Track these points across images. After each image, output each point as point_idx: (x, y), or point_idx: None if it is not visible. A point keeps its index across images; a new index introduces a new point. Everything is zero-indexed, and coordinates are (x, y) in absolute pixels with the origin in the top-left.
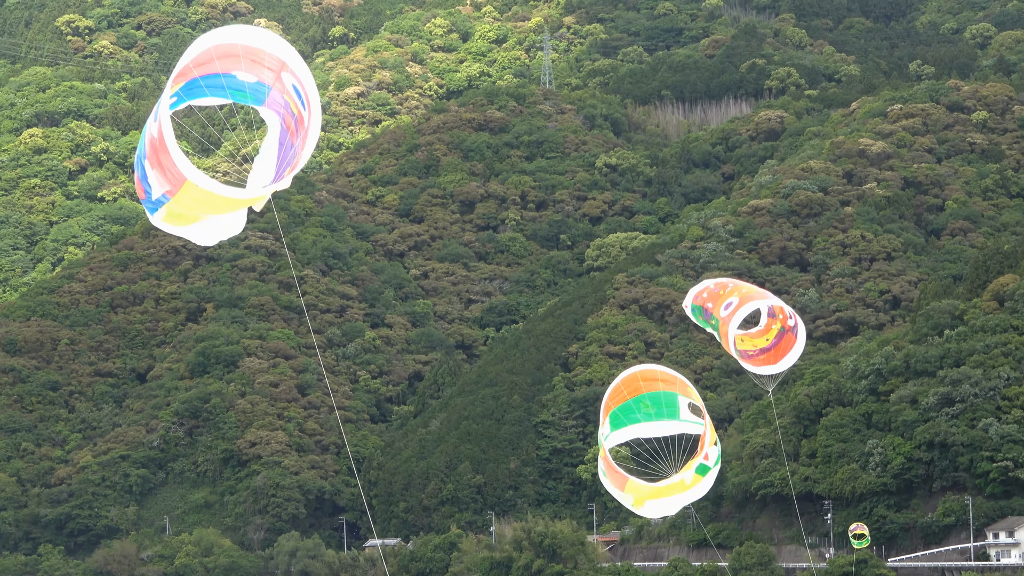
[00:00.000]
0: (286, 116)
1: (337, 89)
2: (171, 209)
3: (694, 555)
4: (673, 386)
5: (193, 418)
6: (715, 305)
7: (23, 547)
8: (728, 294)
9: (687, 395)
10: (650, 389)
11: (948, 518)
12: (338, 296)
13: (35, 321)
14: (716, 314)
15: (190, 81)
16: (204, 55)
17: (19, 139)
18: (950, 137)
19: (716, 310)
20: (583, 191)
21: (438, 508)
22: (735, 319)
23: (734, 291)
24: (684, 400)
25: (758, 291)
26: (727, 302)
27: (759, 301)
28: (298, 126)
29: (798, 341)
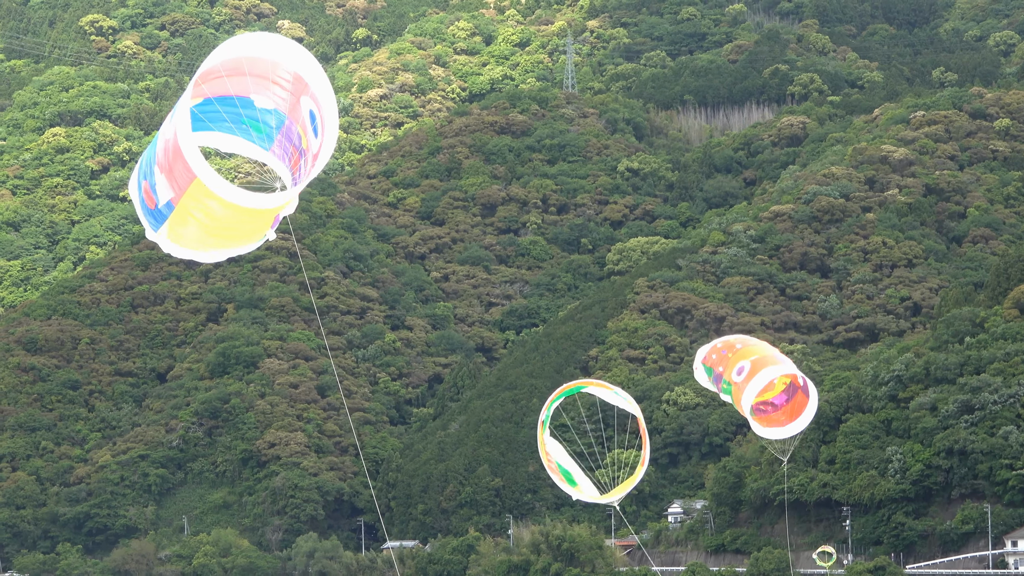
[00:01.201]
0: (293, 155)
1: (360, 91)
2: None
3: (712, 560)
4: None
5: (212, 418)
6: (726, 369)
7: (41, 545)
8: (738, 356)
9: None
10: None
11: (967, 526)
12: (358, 298)
13: (56, 320)
14: (728, 378)
15: (207, 99)
16: (227, 66)
17: (42, 138)
18: (972, 144)
19: (728, 373)
20: (604, 195)
21: (456, 511)
22: (750, 387)
23: (744, 353)
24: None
25: (768, 353)
26: (739, 366)
27: (772, 368)
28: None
29: (810, 401)
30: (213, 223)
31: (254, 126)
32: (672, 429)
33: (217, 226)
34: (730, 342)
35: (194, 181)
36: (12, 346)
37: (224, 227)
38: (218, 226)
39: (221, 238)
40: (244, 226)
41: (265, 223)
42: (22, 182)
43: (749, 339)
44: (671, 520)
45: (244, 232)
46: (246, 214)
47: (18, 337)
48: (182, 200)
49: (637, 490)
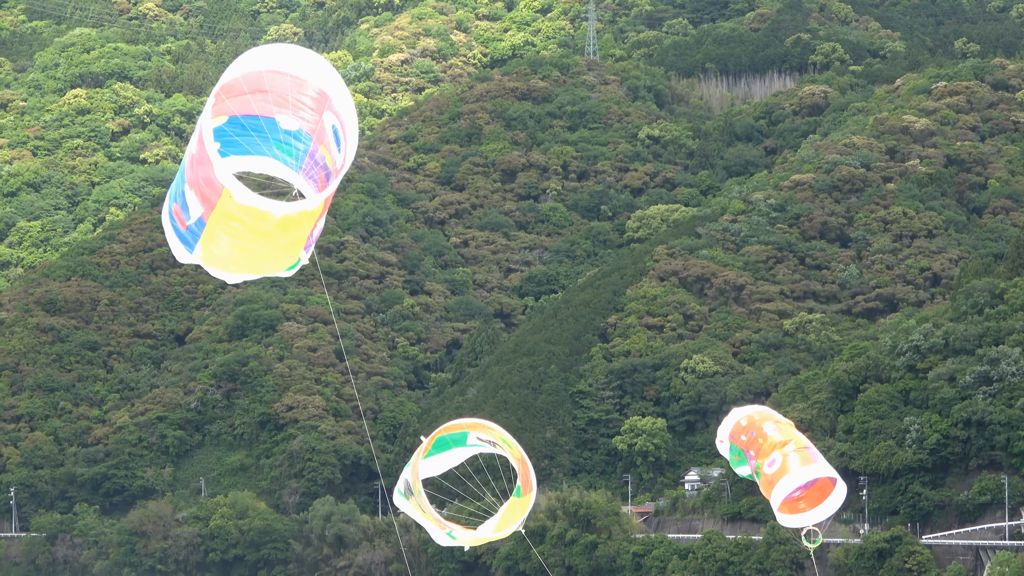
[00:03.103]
0: (320, 178)
1: (381, 56)
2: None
3: (728, 528)
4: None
5: (231, 381)
6: (758, 455)
7: (59, 506)
8: (769, 447)
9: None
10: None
11: (984, 496)
12: (378, 263)
13: (75, 281)
14: (761, 467)
15: (232, 119)
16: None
17: (63, 100)
18: (994, 115)
19: (761, 463)
20: (625, 162)
21: (473, 476)
22: (781, 486)
23: (775, 445)
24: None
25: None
26: (771, 459)
27: (807, 469)
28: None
29: (836, 488)
30: (244, 238)
31: (281, 147)
32: (690, 397)
33: (248, 242)
34: (756, 421)
35: (223, 193)
36: (32, 307)
37: (255, 242)
38: (249, 242)
39: (253, 256)
40: (275, 241)
41: (297, 241)
42: (43, 143)
43: (771, 418)
44: (688, 488)
45: (276, 249)
46: (275, 226)
47: (37, 298)
48: (212, 215)
49: (654, 457)
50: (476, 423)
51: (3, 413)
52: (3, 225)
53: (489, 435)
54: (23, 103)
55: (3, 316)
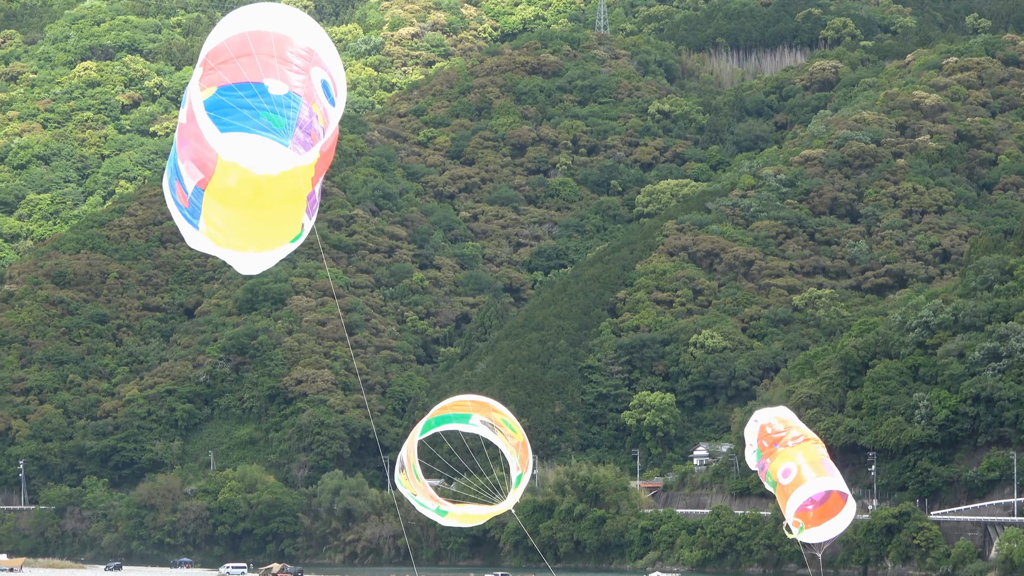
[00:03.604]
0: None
1: (391, 29)
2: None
3: (736, 503)
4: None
5: (240, 354)
6: (773, 462)
7: (68, 479)
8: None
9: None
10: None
11: (992, 473)
12: (387, 236)
13: (85, 254)
14: (774, 475)
15: (221, 88)
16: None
17: (73, 72)
18: (1005, 91)
19: (775, 470)
20: (635, 137)
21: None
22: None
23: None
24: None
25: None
26: (784, 467)
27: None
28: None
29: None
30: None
31: (272, 120)
32: (699, 372)
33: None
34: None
35: (217, 160)
36: (41, 279)
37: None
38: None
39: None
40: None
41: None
42: (53, 116)
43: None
44: (696, 463)
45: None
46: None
47: (47, 270)
48: (210, 184)
49: (663, 432)
50: (482, 404)
51: (12, 386)
52: (13, 198)
53: (492, 418)
54: (33, 75)
55: (12, 289)
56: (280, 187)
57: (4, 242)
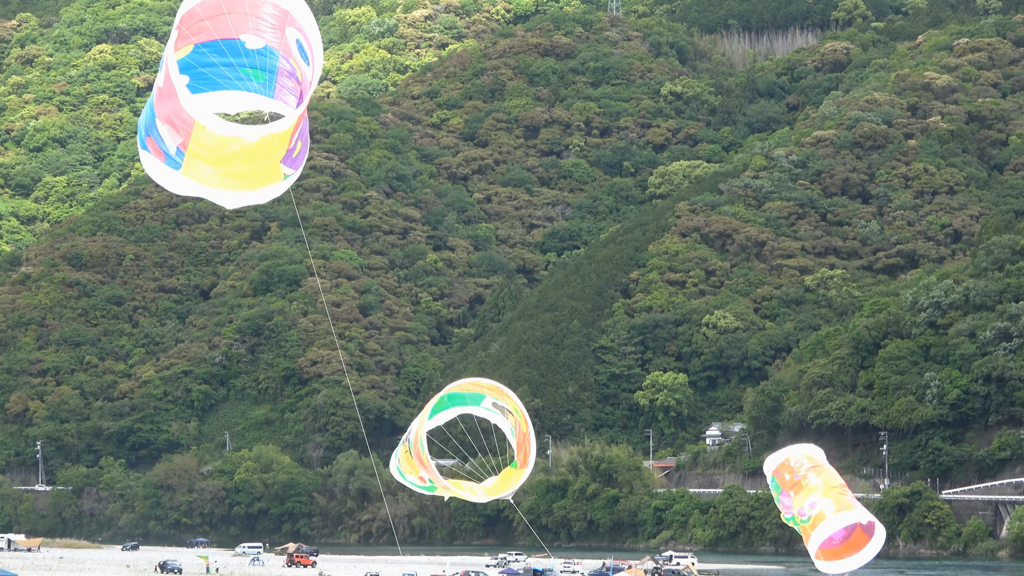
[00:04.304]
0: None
1: (405, 12)
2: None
3: (749, 483)
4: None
5: (255, 336)
6: (795, 496)
7: (85, 459)
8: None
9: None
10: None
11: (1003, 452)
12: (401, 218)
13: (101, 236)
14: (796, 510)
15: (197, 47)
16: (207, 6)
17: (88, 55)
18: (1016, 72)
19: (800, 505)
20: (647, 118)
21: (495, 430)
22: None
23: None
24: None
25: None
26: (810, 500)
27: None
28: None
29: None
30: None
31: (251, 74)
32: (711, 352)
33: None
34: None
35: (195, 126)
36: (57, 261)
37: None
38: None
39: (236, 178)
40: (254, 163)
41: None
42: (68, 98)
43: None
44: (709, 442)
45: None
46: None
47: (63, 252)
48: (190, 145)
49: (675, 412)
50: (495, 387)
51: (29, 367)
52: (29, 180)
53: (505, 402)
54: (49, 58)
55: (29, 271)
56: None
57: (21, 224)
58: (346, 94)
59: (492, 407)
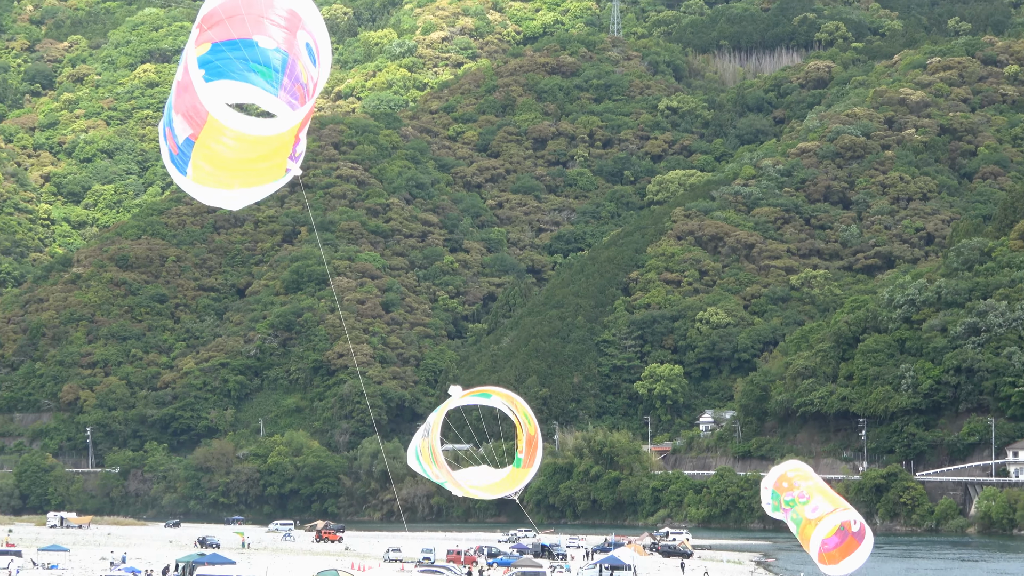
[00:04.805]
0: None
1: (423, 33)
2: (196, 160)
3: (739, 466)
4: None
5: (287, 330)
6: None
7: (131, 444)
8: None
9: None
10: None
11: (972, 437)
12: (420, 223)
13: (145, 239)
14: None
15: (214, 45)
16: (226, 7)
17: (133, 74)
18: (984, 88)
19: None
20: (646, 131)
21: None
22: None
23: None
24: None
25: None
26: (814, 506)
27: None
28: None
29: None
30: (228, 156)
31: (260, 71)
32: (704, 345)
33: (236, 160)
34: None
35: (208, 117)
36: (106, 263)
37: (242, 160)
38: (237, 160)
39: (243, 172)
40: (261, 161)
41: (281, 156)
42: (115, 113)
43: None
44: (702, 428)
45: (264, 168)
46: (259, 145)
47: (111, 255)
48: (200, 136)
49: (671, 401)
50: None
51: (80, 360)
52: (80, 188)
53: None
54: (98, 77)
55: (80, 271)
56: (264, 145)
57: (72, 229)
58: (370, 109)
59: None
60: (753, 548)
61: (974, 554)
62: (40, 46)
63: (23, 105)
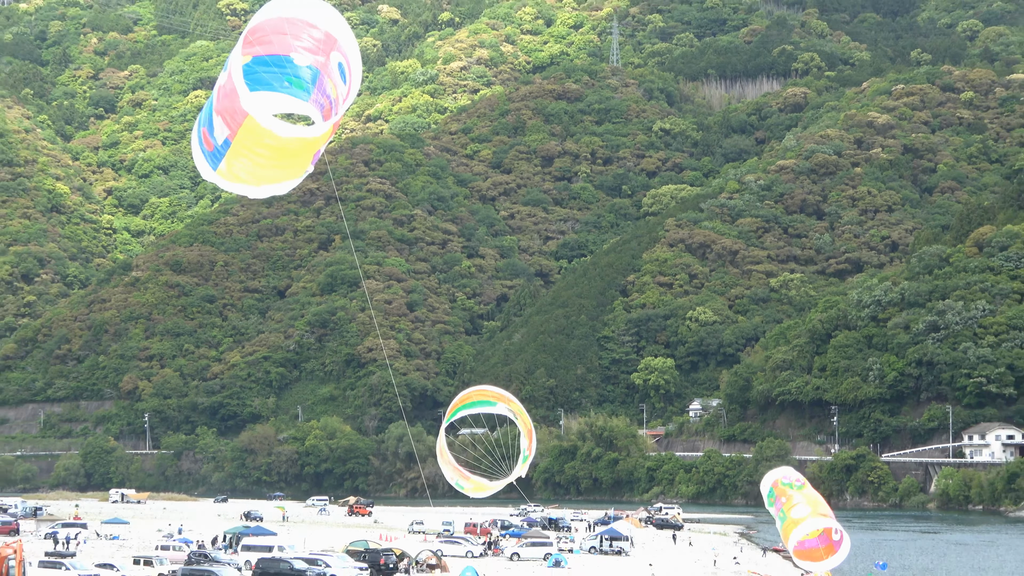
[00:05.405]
0: (325, 106)
1: (444, 63)
2: (230, 157)
3: (724, 447)
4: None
5: (322, 327)
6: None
7: (184, 428)
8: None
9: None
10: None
11: (932, 423)
12: (441, 232)
13: (197, 247)
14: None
15: (256, 58)
16: (271, 25)
17: (186, 99)
18: (943, 112)
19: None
20: (641, 150)
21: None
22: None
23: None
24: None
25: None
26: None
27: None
28: (334, 105)
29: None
30: (261, 155)
31: (294, 83)
32: (694, 341)
33: (266, 158)
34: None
35: (246, 118)
36: (161, 267)
37: (272, 158)
38: (267, 158)
39: (270, 169)
40: (289, 158)
41: (306, 157)
42: (170, 134)
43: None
44: (691, 415)
45: (289, 165)
46: (289, 145)
47: (166, 260)
48: (236, 137)
49: (664, 390)
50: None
51: (139, 353)
52: (138, 201)
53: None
54: (154, 102)
55: (138, 275)
56: (295, 146)
57: (132, 237)
58: (396, 131)
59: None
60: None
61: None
62: (104, 74)
63: (88, 127)
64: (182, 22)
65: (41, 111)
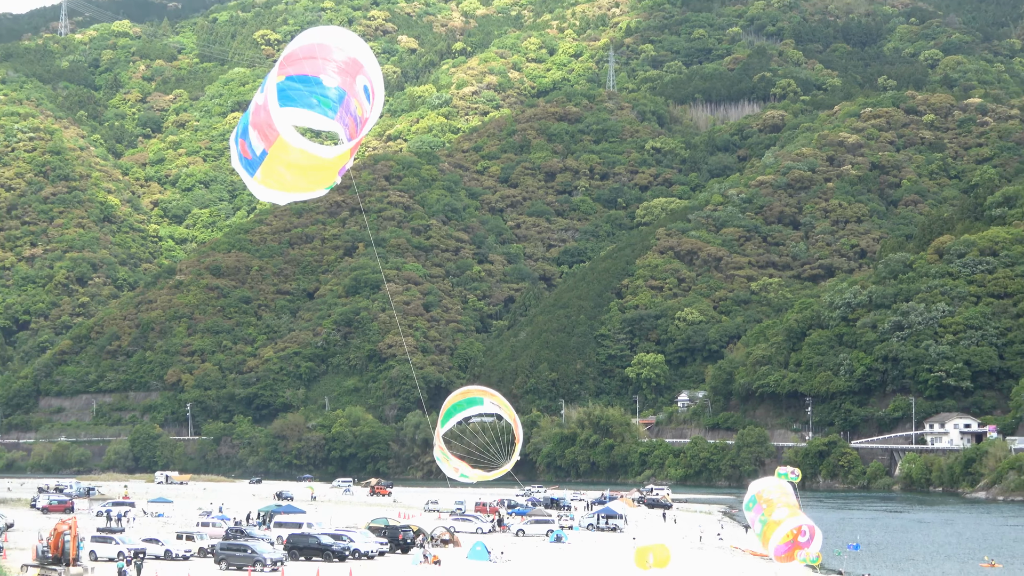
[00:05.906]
0: (350, 124)
1: (457, 88)
2: (266, 167)
3: (709, 435)
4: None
5: (347, 326)
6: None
7: (222, 417)
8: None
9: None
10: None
11: (897, 413)
12: (454, 240)
13: (234, 253)
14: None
15: (289, 77)
16: (304, 50)
17: (225, 120)
18: (907, 133)
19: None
20: (635, 167)
21: (523, 396)
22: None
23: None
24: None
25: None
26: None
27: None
28: (358, 123)
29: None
30: (295, 168)
31: (322, 101)
32: (682, 338)
33: (297, 171)
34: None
35: (278, 138)
36: (202, 272)
37: (302, 172)
38: (298, 171)
39: (302, 179)
40: (317, 173)
41: (333, 171)
42: (211, 152)
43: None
44: (679, 405)
45: (318, 177)
46: (317, 161)
47: (207, 265)
48: (271, 149)
49: (655, 383)
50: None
51: (182, 349)
52: (182, 212)
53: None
54: (196, 123)
55: (182, 279)
56: (322, 161)
57: (176, 244)
58: (414, 149)
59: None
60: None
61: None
62: (151, 98)
63: (137, 145)
64: (221, 51)
65: (94, 131)
